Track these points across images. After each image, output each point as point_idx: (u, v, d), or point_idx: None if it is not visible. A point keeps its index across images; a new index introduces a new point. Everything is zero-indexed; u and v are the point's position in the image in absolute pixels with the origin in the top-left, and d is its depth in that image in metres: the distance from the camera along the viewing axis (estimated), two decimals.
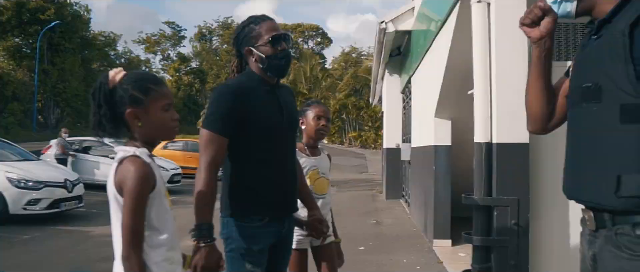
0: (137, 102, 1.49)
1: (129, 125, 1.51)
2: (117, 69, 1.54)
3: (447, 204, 6.08)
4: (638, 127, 1.25)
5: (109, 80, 1.49)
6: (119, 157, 1.46)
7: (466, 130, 5.94)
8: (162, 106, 1.53)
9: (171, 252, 1.52)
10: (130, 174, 1.40)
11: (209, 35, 52.81)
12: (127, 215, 1.40)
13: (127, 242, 1.40)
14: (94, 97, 1.49)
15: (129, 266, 1.39)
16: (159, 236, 1.48)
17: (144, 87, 1.51)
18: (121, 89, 1.49)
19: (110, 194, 1.48)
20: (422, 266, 5.12)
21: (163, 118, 1.54)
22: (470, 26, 3.65)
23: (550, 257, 3.38)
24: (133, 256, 1.40)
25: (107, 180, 1.50)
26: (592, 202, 1.37)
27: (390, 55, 10.70)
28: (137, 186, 1.40)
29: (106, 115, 1.47)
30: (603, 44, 1.35)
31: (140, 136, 1.52)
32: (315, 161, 2.64)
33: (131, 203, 1.39)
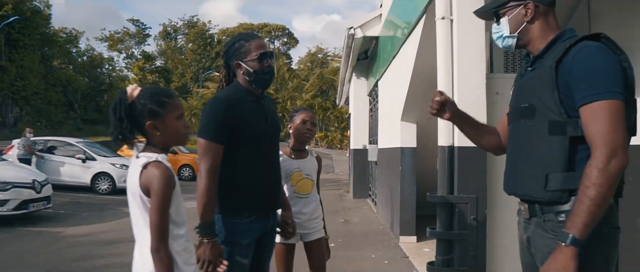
0: (155, 115, 1.69)
1: (148, 135, 1.71)
2: (133, 86, 1.72)
3: (412, 203, 6.40)
4: (561, 138, 1.61)
5: (127, 96, 1.68)
6: (143, 162, 1.65)
7: (430, 133, 6.30)
8: (176, 116, 1.74)
9: (188, 243, 1.74)
10: (156, 177, 1.60)
11: (174, 34, 51.95)
12: (155, 214, 1.60)
13: (156, 237, 1.60)
14: (115, 112, 1.66)
15: (158, 257, 1.59)
16: (178, 230, 1.70)
17: (160, 101, 1.71)
18: (140, 104, 1.68)
19: (134, 193, 1.67)
20: (390, 261, 5.43)
21: (178, 127, 1.74)
22: (434, 37, 3.96)
23: (504, 247, 3.73)
24: (162, 248, 1.60)
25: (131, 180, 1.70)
26: (527, 195, 1.73)
27: (358, 59, 11.01)
28: (162, 188, 1.60)
29: (128, 128, 1.67)
30: (536, 75, 1.72)
31: (158, 143, 1.72)
32: (299, 163, 2.84)
33: (158, 203, 1.60)
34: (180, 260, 1.67)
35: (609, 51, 1.60)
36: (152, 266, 1.59)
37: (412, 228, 6.38)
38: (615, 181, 1.51)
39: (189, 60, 48.44)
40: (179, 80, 46.97)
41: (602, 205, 1.49)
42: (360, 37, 8.83)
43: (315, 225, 2.85)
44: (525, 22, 1.76)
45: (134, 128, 1.69)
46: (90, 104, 37.12)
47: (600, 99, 1.53)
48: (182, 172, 18.28)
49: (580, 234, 1.48)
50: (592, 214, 1.48)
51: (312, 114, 2.91)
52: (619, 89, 1.54)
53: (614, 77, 1.56)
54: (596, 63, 1.56)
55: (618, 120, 1.53)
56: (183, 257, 1.69)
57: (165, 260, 1.59)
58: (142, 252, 1.67)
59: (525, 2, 1.75)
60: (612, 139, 1.51)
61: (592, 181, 1.49)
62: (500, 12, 1.81)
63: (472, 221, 3.56)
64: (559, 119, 1.61)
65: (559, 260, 1.50)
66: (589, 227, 1.49)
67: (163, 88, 1.91)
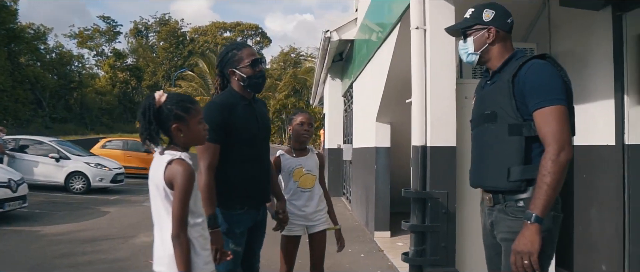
0: (180, 119, 1.91)
1: (173, 136, 1.93)
2: (160, 92, 1.93)
3: (386, 200, 6.72)
4: (519, 138, 1.95)
5: (155, 101, 1.89)
6: (168, 159, 1.86)
7: (403, 134, 6.63)
8: (197, 120, 1.96)
9: (204, 230, 1.97)
10: (179, 173, 1.82)
11: (146, 31, 51.13)
12: (177, 205, 1.81)
13: (177, 225, 1.81)
14: (144, 115, 1.87)
15: (178, 242, 1.80)
16: (196, 219, 1.92)
17: (185, 106, 1.92)
18: (166, 109, 1.89)
19: (158, 185, 1.87)
20: (366, 254, 5.71)
21: (198, 129, 1.97)
22: (408, 44, 4.24)
23: (471, 238, 4.06)
24: (182, 234, 1.81)
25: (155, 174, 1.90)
26: (492, 187, 2.06)
27: (333, 61, 11.29)
28: (185, 183, 1.81)
29: (155, 130, 1.88)
30: (496, 87, 2.06)
31: (181, 143, 1.94)
32: (299, 160, 3.09)
33: (181, 196, 1.81)
34: (198, 245, 1.89)
35: (553, 67, 1.94)
36: (172, 249, 1.80)
37: (386, 224, 6.70)
38: (565, 170, 1.85)
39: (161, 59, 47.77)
40: (151, 79, 46.30)
41: (557, 188, 1.84)
42: (336, 40, 9.10)
43: (319, 217, 3.10)
44: (487, 44, 2.10)
45: (160, 130, 1.90)
46: (59, 102, 36.16)
47: (550, 105, 1.87)
48: None
49: (541, 213, 1.83)
50: (549, 196, 1.83)
51: (309, 116, 3.16)
52: (563, 97, 1.89)
53: (559, 87, 1.91)
54: (544, 76, 1.91)
55: (564, 121, 1.88)
56: (200, 242, 1.91)
57: (184, 245, 1.80)
58: (163, 237, 1.88)
59: (488, 27, 2.07)
60: (561, 136, 1.86)
61: (547, 170, 1.83)
62: (467, 32, 2.13)
63: (443, 214, 3.86)
64: (516, 122, 1.95)
65: (526, 235, 1.83)
66: (547, 207, 1.83)
67: (187, 95, 2.11)
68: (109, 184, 12.61)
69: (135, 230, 7.25)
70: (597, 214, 3.90)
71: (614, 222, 3.68)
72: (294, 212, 3.05)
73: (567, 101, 1.91)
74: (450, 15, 3.93)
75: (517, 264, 1.85)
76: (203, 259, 1.90)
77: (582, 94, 4.04)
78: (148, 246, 6.11)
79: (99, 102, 40.52)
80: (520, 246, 1.84)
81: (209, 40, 54.05)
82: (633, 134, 3.62)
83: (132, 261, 5.36)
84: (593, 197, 3.96)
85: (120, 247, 6.06)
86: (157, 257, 1.91)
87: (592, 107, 3.96)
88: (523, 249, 1.83)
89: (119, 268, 5.05)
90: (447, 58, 3.94)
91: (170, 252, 1.82)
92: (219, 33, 57.61)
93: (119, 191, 12.97)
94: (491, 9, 2.13)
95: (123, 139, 19.93)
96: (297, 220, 3.05)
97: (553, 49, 4.52)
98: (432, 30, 3.92)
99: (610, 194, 3.73)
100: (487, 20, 2.11)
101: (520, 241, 1.84)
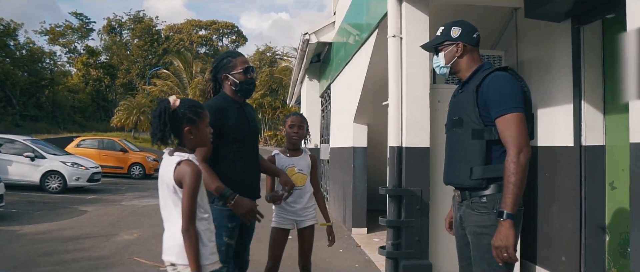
0: (192, 122, 2.11)
1: (183, 138, 2.11)
2: (174, 97, 2.12)
3: (363, 197, 6.99)
4: (480, 141, 2.22)
5: (170, 105, 2.08)
6: (177, 160, 2.05)
7: (379, 134, 6.91)
8: (205, 124, 2.16)
9: (210, 224, 2.17)
10: (188, 173, 2.01)
11: (119, 29, 50.30)
12: (186, 201, 2.00)
13: (186, 219, 2.00)
14: (160, 117, 2.04)
15: (188, 235, 2.00)
16: (203, 214, 2.12)
17: (196, 111, 2.13)
18: (180, 113, 2.09)
19: (168, 184, 2.06)
20: (344, 250, 5.96)
21: (206, 132, 2.18)
22: (385, 50, 4.49)
23: (443, 232, 4.32)
24: (191, 228, 2.01)
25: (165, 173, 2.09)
26: (459, 184, 2.33)
27: (311, 62, 11.52)
28: (193, 182, 2.01)
29: (169, 131, 2.07)
30: (463, 96, 2.33)
31: (189, 145, 2.13)
32: (292, 160, 3.32)
33: (189, 193, 2.00)
34: (205, 237, 2.09)
35: (514, 79, 2.20)
36: (181, 240, 2.00)
37: (363, 221, 6.97)
38: (526, 169, 2.12)
39: (135, 57, 47.08)
40: (125, 77, 45.62)
41: (521, 186, 2.11)
42: (315, 42, 9.33)
43: (308, 213, 3.33)
44: (456, 57, 2.36)
45: (173, 131, 2.09)
46: (30, 100, 35.25)
47: (509, 112, 2.14)
48: (132, 171, 17.98)
49: (511, 210, 2.09)
50: (516, 194, 2.09)
51: (298, 119, 3.38)
52: (521, 105, 2.16)
53: (517, 97, 2.18)
54: (504, 87, 2.18)
55: (522, 126, 2.15)
56: (206, 235, 2.11)
57: (193, 237, 2.00)
58: (172, 230, 2.08)
59: (456, 43, 2.33)
60: (520, 140, 2.12)
61: (511, 171, 2.09)
62: (439, 48, 2.39)
63: (417, 210, 4.13)
64: (479, 127, 2.22)
65: (501, 232, 2.09)
66: (516, 203, 2.10)
67: (197, 101, 2.30)
68: (86, 183, 12.55)
69: (116, 229, 7.33)
70: (557, 209, 4.23)
71: (572, 217, 4.01)
72: (285, 207, 3.27)
73: (525, 109, 2.18)
74: (425, 24, 4.20)
75: (499, 257, 2.11)
76: (209, 250, 2.10)
77: (545, 98, 4.37)
78: (131, 244, 6.24)
79: (72, 100, 39.69)
80: (497, 241, 2.10)
81: (184, 39, 53.58)
82: (589, 136, 3.95)
83: (117, 258, 5.48)
84: (554, 194, 4.29)
85: (103, 245, 6.16)
86: (167, 247, 2.11)
87: (554, 110, 4.29)
88: (500, 244, 2.08)
89: (105, 265, 5.17)
90: (422, 64, 4.21)
91: (179, 242, 2.01)
92: (195, 31, 57.16)
93: (95, 190, 12.92)
94: (458, 26, 2.39)
95: (98, 138, 19.77)
96: (288, 215, 3.28)
97: (519, 56, 4.84)
98: (408, 39, 4.18)
99: (569, 191, 4.06)
100: (454, 36, 2.37)
101: (497, 237, 2.10)
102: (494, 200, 2.19)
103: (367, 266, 5.18)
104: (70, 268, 5.07)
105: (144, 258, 5.45)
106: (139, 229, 7.28)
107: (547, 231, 4.38)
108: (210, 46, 58.25)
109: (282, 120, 3.51)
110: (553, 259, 4.28)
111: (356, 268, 5.09)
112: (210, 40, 58.70)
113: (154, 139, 2.07)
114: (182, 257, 2.01)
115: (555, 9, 3.93)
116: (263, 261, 3.36)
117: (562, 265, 4.14)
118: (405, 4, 4.19)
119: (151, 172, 18.36)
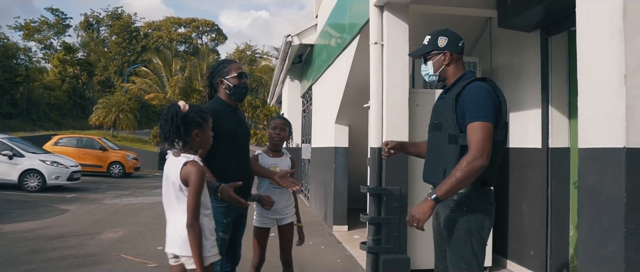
0: (200, 126, 2.30)
1: (191, 140, 2.28)
2: (182, 102, 2.30)
3: (344, 196, 7.20)
4: (455, 146, 2.41)
5: (181, 109, 2.25)
6: (184, 161, 2.23)
7: (360, 135, 7.14)
8: (209, 127, 2.35)
9: (211, 221, 2.34)
10: (193, 172, 2.18)
11: (97, 25, 49.48)
12: (192, 199, 2.17)
13: (191, 215, 2.17)
14: (172, 121, 2.22)
15: (192, 230, 2.17)
16: (206, 211, 2.30)
17: (203, 116, 2.32)
18: (190, 117, 2.27)
19: (174, 183, 2.23)
20: (326, 246, 6.17)
21: (209, 135, 2.37)
22: (366, 54, 4.70)
23: None
24: (195, 223, 2.18)
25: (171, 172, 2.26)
26: (435, 183, 2.50)
27: (292, 63, 11.69)
28: (198, 181, 2.18)
29: (178, 134, 2.24)
30: (444, 102, 2.53)
31: (195, 146, 2.31)
32: (275, 161, 3.49)
33: (194, 191, 2.18)
34: (207, 231, 2.27)
35: (490, 89, 2.40)
36: (185, 234, 2.18)
37: (344, 218, 7.19)
38: (475, 173, 2.28)
39: (113, 54, 46.43)
40: (102, 74, 44.94)
41: (462, 184, 2.29)
42: (297, 44, 9.50)
43: (288, 212, 3.52)
44: (444, 65, 2.55)
45: (182, 134, 2.26)
46: (4, 97, 34.42)
47: (479, 121, 2.33)
48: (111, 169, 17.90)
49: (441, 196, 2.30)
50: (453, 187, 2.29)
51: (281, 122, 3.56)
52: (491, 116, 2.34)
53: (490, 107, 2.35)
54: (480, 97, 2.37)
55: (487, 135, 2.32)
56: (209, 229, 2.30)
57: (197, 231, 2.18)
58: (176, 226, 2.26)
59: (443, 52, 2.53)
60: (482, 147, 2.30)
61: (461, 167, 2.28)
62: (427, 57, 2.58)
63: (396, 207, 4.36)
64: (455, 133, 2.42)
65: (423, 206, 2.32)
66: (448, 194, 2.30)
67: (202, 107, 2.46)
68: (65, 182, 12.49)
69: (100, 227, 7.40)
70: (526, 207, 4.52)
71: (539, 214, 4.31)
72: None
73: (498, 119, 2.36)
74: (405, 32, 4.44)
75: (409, 222, 2.34)
76: (211, 243, 2.29)
77: (516, 102, 4.66)
78: (117, 242, 6.34)
79: (47, 98, 38.90)
80: (415, 211, 2.33)
81: (164, 36, 52.99)
82: (556, 138, 4.25)
83: (104, 256, 5.58)
84: (524, 193, 4.58)
85: (89, 243, 6.24)
86: (171, 240, 2.29)
87: (524, 114, 4.58)
88: (415, 214, 2.31)
89: (93, 262, 5.27)
90: (402, 70, 4.44)
91: (183, 235, 2.19)
92: (174, 28, 56.57)
93: (75, 189, 12.87)
94: (444, 36, 2.57)
95: (76, 136, 19.56)
96: (269, 214, 3.47)
97: (493, 62, 5.13)
98: (389, 45, 4.41)
99: (537, 190, 4.35)
100: (441, 46, 2.55)
101: (416, 208, 2.33)
102: (465, 198, 2.40)
103: (348, 261, 5.40)
104: (58, 265, 5.14)
105: (131, 255, 5.56)
106: (123, 227, 7.37)
107: (518, 227, 4.67)
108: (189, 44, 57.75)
109: (267, 122, 3.69)
110: (522, 253, 4.57)
111: (338, 263, 5.30)
112: (189, 38, 58.15)
113: (166, 140, 2.25)
114: (186, 250, 2.19)
115: (525, 20, 4.21)
116: (248, 257, 3.55)
117: (531, 259, 4.44)
118: (387, 13, 4.42)
119: (131, 171, 18.32)
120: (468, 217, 2.36)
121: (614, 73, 1.69)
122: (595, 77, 1.81)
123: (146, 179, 18.39)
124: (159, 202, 2.72)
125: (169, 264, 2.34)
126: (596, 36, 1.84)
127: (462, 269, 2.38)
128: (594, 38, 1.86)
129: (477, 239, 2.39)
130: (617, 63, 1.67)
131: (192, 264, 2.18)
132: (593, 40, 1.87)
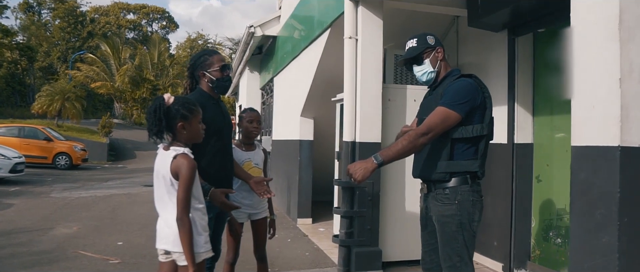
0: (185, 118, 2.22)
1: (177, 133, 2.21)
2: (168, 94, 2.21)
3: (309, 189, 7.21)
4: (445, 140, 2.47)
5: (165, 102, 2.18)
6: (174, 154, 2.15)
7: (324, 128, 7.17)
8: (198, 120, 2.27)
9: (204, 215, 2.28)
10: (184, 165, 2.12)
11: (38, 8, 46.80)
12: (182, 192, 2.10)
13: (181, 209, 2.10)
14: (156, 114, 2.14)
15: (182, 223, 2.10)
16: (198, 204, 2.23)
17: (189, 108, 2.23)
18: (174, 109, 2.19)
19: (165, 176, 2.15)
20: (292, 239, 6.17)
21: (198, 128, 2.29)
22: (336, 49, 4.73)
23: (392, 221, 4.69)
24: (185, 217, 2.11)
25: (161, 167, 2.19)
26: (426, 177, 2.58)
27: (252, 54, 11.53)
28: (189, 173, 2.12)
29: (164, 127, 2.16)
30: (433, 97, 2.60)
31: (183, 140, 2.23)
32: (249, 154, 3.43)
33: (185, 184, 2.11)
34: (200, 226, 2.21)
35: (474, 85, 2.47)
36: (177, 229, 2.11)
37: (308, 211, 7.20)
38: (418, 147, 2.42)
39: (56, 39, 44.13)
40: (44, 60, 42.63)
41: (404, 153, 2.41)
42: (260, 35, 9.38)
43: (262, 206, 3.47)
44: (439, 60, 2.61)
45: (167, 127, 2.19)
46: None
47: (445, 107, 2.42)
48: (57, 161, 17.08)
49: (384, 159, 2.40)
50: (397, 153, 2.40)
51: (256, 115, 3.51)
52: (462, 108, 2.41)
53: (464, 100, 2.41)
54: (459, 89, 2.45)
55: (445, 122, 2.41)
56: (201, 224, 2.23)
57: (187, 225, 2.11)
58: (167, 220, 2.18)
59: (436, 48, 2.59)
60: (432, 128, 2.40)
61: (409, 138, 2.39)
62: (422, 56, 2.61)
63: (369, 201, 4.42)
64: None
65: (364, 164, 2.39)
66: (391, 159, 2.41)
67: (191, 99, 2.37)
68: (8, 175, 11.82)
69: (51, 222, 7.05)
70: (492, 200, 4.69)
71: (503, 206, 4.48)
72: (241, 201, 3.40)
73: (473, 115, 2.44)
74: (379, 26, 4.48)
75: (348, 172, 2.40)
76: (204, 239, 2.23)
77: None
78: (71, 238, 6.06)
79: None
80: (355, 167, 2.39)
81: (112, 22, 50.92)
82: (520, 134, 4.43)
83: (59, 252, 5.32)
84: (490, 187, 4.74)
85: (41, 240, 5.93)
86: (162, 236, 2.21)
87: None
88: (354, 170, 2.38)
89: (49, 260, 5.01)
90: (375, 65, 4.48)
91: (175, 231, 2.12)
92: (122, 14, 54.45)
93: (18, 182, 12.18)
94: (430, 35, 2.66)
95: (18, 125, 18.47)
96: (243, 209, 3.41)
97: (460, 59, 5.27)
98: (363, 40, 4.43)
99: (502, 183, 4.52)
100: (432, 44, 2.64)
101: (357, 164, 2.40)
102: (456, 192, 2.46)
103: (317, 254, 5.42)
104: (10, 264, 4.86)
105: (89, 251, 5.34)
106: (77, 222, 7.05)
107: (483, 219, 4.83)
108: (139, 31, 55.80)
109: (239, 115, 3.61)
110: (487, 245, 4.74)
111: (307, 256, 5.31)
112: (139, 25, 56.18)
113: (150, 133, 2.16)
114: (177, 245, 2.12)
115: (494, 21, 4.35)
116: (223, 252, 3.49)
117: (495, 249, 4.62)
118: (361, 7, 4.44)
119: (78, 163, 17.55)
120: (460, 211, 2.43)
121: (609, 77, 1.79)
122: (591, 80, 1.91)
123: (95, 171, 17.66)
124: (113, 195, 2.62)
125: (159, 260, 2.26)
126: (592, 42, 1.94)
127: (454, 262, 2.45)
128: (590, 44, 1.95)
129: (468, 232, 2.47)
130: (612, 67, 1.77)
131: (184, 261, 2.12)
132: (589, 45, 1.97)
